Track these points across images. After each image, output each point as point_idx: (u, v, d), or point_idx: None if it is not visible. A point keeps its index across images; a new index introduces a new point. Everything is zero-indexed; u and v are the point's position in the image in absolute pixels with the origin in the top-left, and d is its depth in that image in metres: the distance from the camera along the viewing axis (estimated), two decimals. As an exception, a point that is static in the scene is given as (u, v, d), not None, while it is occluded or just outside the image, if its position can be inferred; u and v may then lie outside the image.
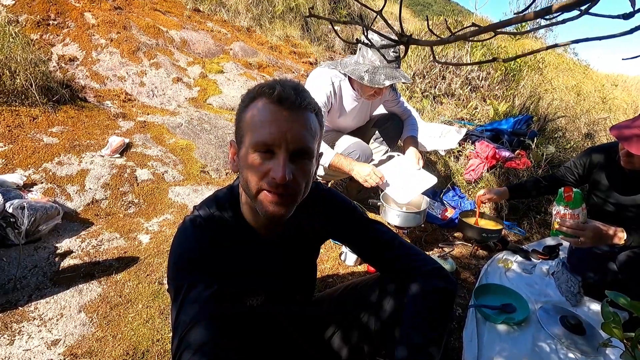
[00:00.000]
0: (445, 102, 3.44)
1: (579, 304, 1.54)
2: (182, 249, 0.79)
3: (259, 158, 0.72)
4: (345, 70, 1.78)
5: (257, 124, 0.72)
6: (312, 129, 0.76)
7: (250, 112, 0.74)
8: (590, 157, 1.77)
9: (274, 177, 0.70)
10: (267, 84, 0.74)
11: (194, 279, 0.74)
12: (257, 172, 0.72)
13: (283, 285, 0.95)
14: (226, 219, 0.83)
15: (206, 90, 3.56)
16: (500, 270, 1.73)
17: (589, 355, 1.30)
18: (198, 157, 2.61)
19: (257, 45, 4.85)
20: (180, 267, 0.77)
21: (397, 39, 0.45)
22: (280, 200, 0.73)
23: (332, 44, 6.19)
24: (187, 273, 0.75)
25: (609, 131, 1.53)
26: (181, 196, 2.18)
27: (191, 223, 0.81)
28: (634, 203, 1.60)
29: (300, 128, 0.73)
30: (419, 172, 1.81)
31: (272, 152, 0.72)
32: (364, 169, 1.67)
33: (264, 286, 0.90)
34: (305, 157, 0.75)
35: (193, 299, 0.72)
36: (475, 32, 0.39)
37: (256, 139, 0.71)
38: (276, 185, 0.71)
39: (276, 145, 0.71)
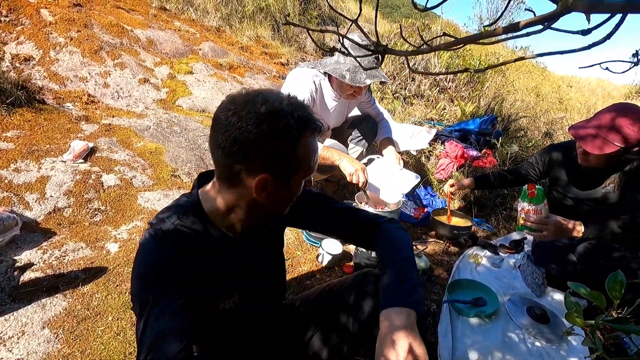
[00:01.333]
0: (415, 103, 3.53)
1: (543, 294, 1.63)
2: (146, 262, 0.76)
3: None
4: (326, 69, 1.79)
5: (311, 155, 0.81)
6: None
7: (304, 149, 0.78)
8: (550, 155, 1.87)
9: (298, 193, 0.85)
10: (304, 115, 0.76)
11: (160, 291, 0.72)
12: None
13: (256, 282, 0.95)
14: (190, 226, 0.81)
15: (175, 91, 3.46)
16: (471, 265, 1.80)
17: (553, 342, 1.38)
18: (168, 161, 2.53)
19: (227, 45, 4.77)
20: (144, 280, 0.74)
21: (374, 48, 0.46)
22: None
23: (304, 45, 6.19)
24: (152, 286, 0.73)
25: (567, 131, 1.62)
26: (151, 202, 2.11)
27: (151, 236, 0.78)
28: (590, 197, 1.71)
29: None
30: (401, 172, 1.86)
31: None
32: (353, 165, 1.67)
33: (236, 287, 0.89)
34: None
35: (159, 313, 0.70)
36: (449, 44, 0.41)
37: (312, 169, 0.83)
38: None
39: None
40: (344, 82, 1.73)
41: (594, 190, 1.69)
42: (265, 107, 0.72)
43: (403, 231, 0.97)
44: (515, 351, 1.34)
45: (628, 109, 1.49)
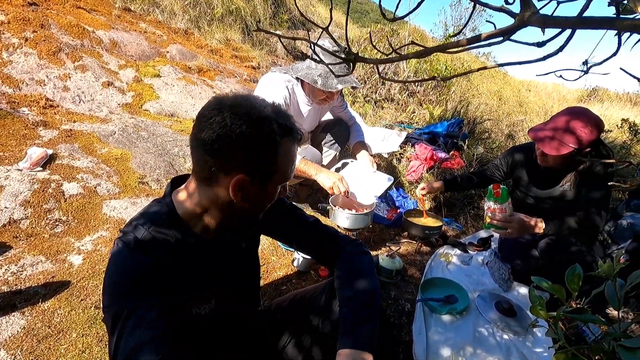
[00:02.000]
0: (385, 107, 3.61)
1: (509, 289, 1.71)
2: (119, 271, 0.74)
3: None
4: (297, 74, 1.79)
5: (289, 163, 0.82)
6: None
7: (284, 155, 0.79)
8: (512, 156, 1.97)
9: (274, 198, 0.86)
10: (288, 124, 0.78)
11: (135, 302, 0.70)
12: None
13: (232, 282, 0.94)
14: (165, 231, 0.80)
15: (142, 95, 3.35)
16: (442, 264, 1.85)
17: (520, 334, 1.45)
18: (135, 167, 2.43)
19: (196, 48, 4.67)
20: (117, 291, 0.72)
21: (345, 56, 0.46)
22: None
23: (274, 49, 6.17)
24: (126, 297, 0.71)
25: (527, 133, 1.72)
26: (118, 210, 2.02)
27: (124, 244, 0.76)
28: (549, 196, 1.82)
29: None
30: (374, 174, 1.89)
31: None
32: (331, 178, 1.69)
33: (212, 290, 0.89)
34: None
35: (134, 325, 0.68)
36: (418, 53, 0.42)
37: (288, 177, 0.83)
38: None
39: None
40: (316, 88, 1.74)
41: (553, 189, 1.80)
42: (251, 110, 0.73)
43: (363, 255, 1.00)
44: (485, 345, 1.40)
45: (580, 113, 1.59)
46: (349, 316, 0.84)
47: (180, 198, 0.84)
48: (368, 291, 0.87)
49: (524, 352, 1.37)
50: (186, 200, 0.83)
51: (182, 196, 0.84)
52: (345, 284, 0.91)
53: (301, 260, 1.70)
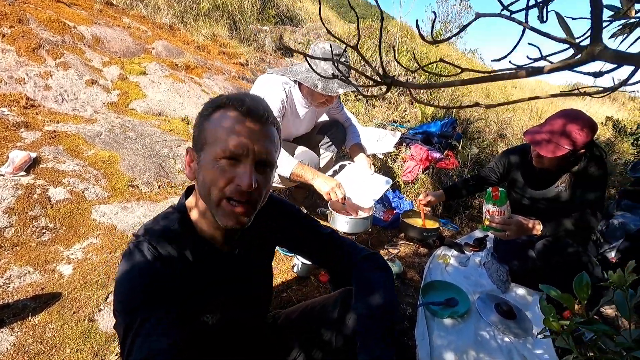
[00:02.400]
0: (377, 106, 3.60)
1: (507, 290, 1.73)
2: (130, 278, 0.73)
3: (224, 166, 0.73)
4: (297, 77, 1.75)
5: (225, 132, 0.74)
6: (275, 142, 0.81)
7: (215, 121, 0.76)
8: (508, 158, 1.99)
9: (239, 185, 0.72)
10: (235, 96, 0.77)
11: (147, 311, 0.69)
12: (222, 179, 0.73)
13: (242, 295, 0.92)
14: (177, 237, 0.79)
15: (128, 93, 3.24)
16: (441, 266, 1.86)
17: (520, 337, 1.47)
18: (124, 170, 2.35)
19: (182, 44, 4.55)
20: (129, 299, 0.71)
21: (381, 79, 0.44)
22: (243, 208, 0.75)
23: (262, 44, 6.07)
24: (138, 305, 0.70)
25: (515, 130, 1.73)
26: (108, 216, 1.95)
27: (136, 248, 0.76)
28: (545, 197, 1.84)
29: (266, 140, 0.77)
30: (373, 176, 1.88)
31: (237, 161, 0.74)
32: (328, 183, 1.65)
33: (223, 300, 0.87)
34: (268, 168, 0.79)
35: (147, 333, 0.67)
36: (465, 81, 0.40)
37: (223, 147, 0.73)
38: (240, 193, 0.73)
39: (243, 154, 0.73)
40: (315, 91, 1.71)
41: (548, 190, 1.82)
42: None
43: (381, 271, 0.96)
44: (487, 348, 1.41)
45: (576, 116, 1.61)
46: (366, 335, 0.82)
47: (190, 203, 0.84)
48: (385, 309, 0.86)
49: (525, 354, 1.39)
50: (193, 204, 0.84)
51: (191, 201, 0.85)
52: (361, 301, 0.89)
53: (301, 266, 1.67)
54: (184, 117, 3.35)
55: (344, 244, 1.02)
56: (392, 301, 0.88)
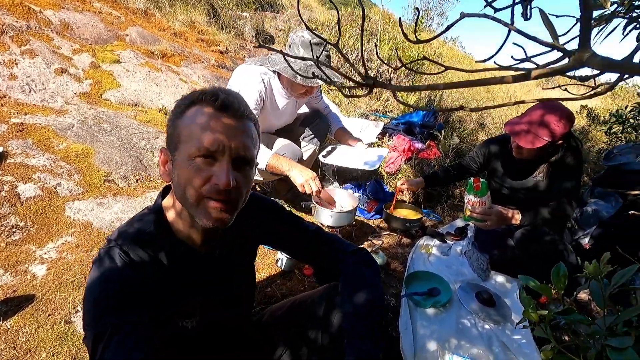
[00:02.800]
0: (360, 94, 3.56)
1: (487, 278, 1.77)
2: (100, 286, 0.69)
3: (200, 164, 0.70)
4: (276, 68, 1.70)
5: (199, 129, 0.70)
6: (252, 137, 0.77)
7: (191, 118, 0.72)
8: (488, 148, 2.01)
9: (217, 183, 0.69)
10: (208, 90, 0.74)
11: (118, 319, 0.66)
12: (198, 179, 0.70)
13: (223, 296, 0.90)
14: (152, 240, 0.77)
15: (101, 83, 3.10)
16: (423, 256, 1.89)
17: (500, 323, 1.51)
18: (99, 164, 2.27)
19: (158, 31, 4.37)
20: (99, 309, 0.67)
21: (364, 81, 0.42)
22: (223, 207, 0.72)
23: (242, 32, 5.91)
24: (109, 314, 0.66)
25: (504, 126, 1.75)
26: (83, 212, 1.88)
27: (107, 254, 0.72)
28: (523, 186, 1.88)
29: (243, 136, 0.73)
30: (367, 150, 1.96)
31: (213, 158, 0.71)
32: (304, 174, 1.62)
33: (202, 302, 0.84)
34: (247, 165, 0.76)
35: (117, 346, 0.63)
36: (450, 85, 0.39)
37: (198, 145, 0.69)
38: (218, 192, 0.70)
39: (219, 151, 0.70)
40: (295, 82, 1.67)
41: (526, 180, 1.86)
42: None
43: (367, 266, 0.96)
44: (468, 336, 1.44)
45: (554, 107, 1.64)
46: (352, 332, 0.81)
47: (166, 204, 0.82)
48: (372, 305, 0.85)
49: (504, 340, 1.43)
50: (169, 204, 0.81)
51: (168, 201, 0.82)
52: (347, 298, 0.88)
53: (285, 261, 1.66)
54: (162, 108, 3.24)
55: (330, 239, 1.02)
56: (379, 297, 0.88)
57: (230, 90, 0.76)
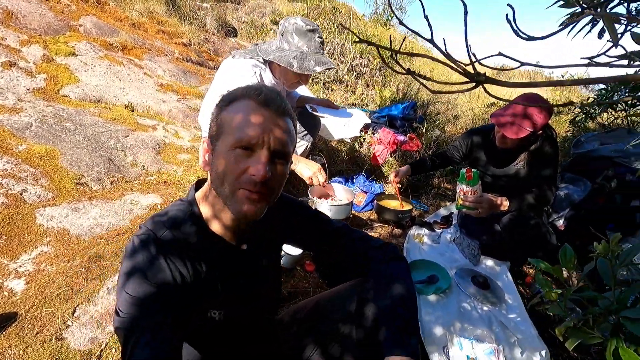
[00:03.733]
0: (335, 89, 3.58)
1: (478, 263, 1.86)
2: (135, 274, 0.69)
3: (239, 155, 0.72)
4: (269, 57, 1.65)
5: (241, 122, 0.72)
6: (291, 134, 0.78)
7: (232, 110, 0.74)
8: (471, 138, 2.11)
9: (254, 174, 0.71)
10: (252, 86, 0.76)
11: (152, 309, 0.68)
12: (235, 169, 0.72)
13: (251, 291, 0.89)
14: (185, 230, 0.78)
15: (57, 78, 2.83)
16: (417, 245, 1.94)
17: (496, 304, 1.60)
18: (67, 166, 2.08)
19: (114, 21, 4.07)
20: (134, 297, 0.67)
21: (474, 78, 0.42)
22: (257, 198, 0.73)
23: (203, 23, 5.66)
24: (144, 304, 0.67)
25: (490, 118, 1.83)
26: (57, 219, 1.72)
27: (142, 242, 0.73)
28: (505, 174, 1.99)
29: (282, 131, 0.75)
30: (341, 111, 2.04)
31: (252, 150, 0.72)
32: (310, 168, 1.62)
33: (230, 295, 0.84)
34: (284, 160, 0.77)
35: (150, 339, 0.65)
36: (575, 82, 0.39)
37: (240, 136, 0.71)
38: (254, 183, 0.71)
39: (259, 144, 0.72)
40: (290, 71, 1.63)
41: (508, 168, 1.97)
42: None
43: (398, 261, 0.96)
44: (470, 319, 1.52)
45: (535, 100, 1.75)
46: (390, 325, 0.82)
47: (199, 196, 0.83)
48: (406, 298, 0.86)
49: (502, 319, 1.52)
50: (203, 196, 0.82)
51: (201, 193, 0.83)
52: (382, 292, 0.88)
53: (285, 257, 1.63)
54: (128, 104, 3.03)
55: (357, 235, 1.01)
56: (412, 290, 0.89)
57: (272, 87, 0.78)
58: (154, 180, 2.29)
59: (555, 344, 1.47)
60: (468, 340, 1.39)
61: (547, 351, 1.39)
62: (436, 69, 5.77)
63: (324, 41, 1.75)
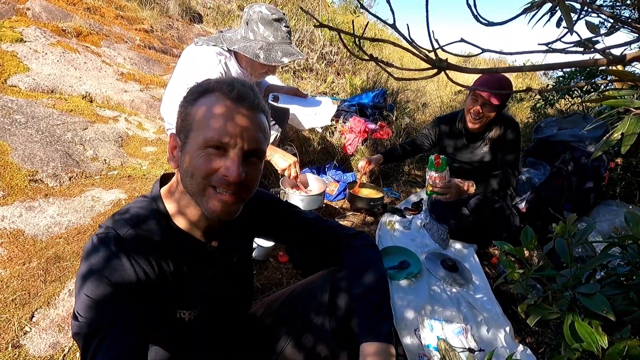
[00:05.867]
0: (305, 77, 3.53)
1: (448, 246, 1.92)
2: (95, 274, 0.65)
3: (210, 155, 0.69)
4: (234, 47, 1.58)
5: (211, 119, 0.68)
6: (265, 130, 0.75)
7: (204, 106, 0.70)
8: (439, 126, 2.15)
9: (226, 175, 0.68)
10: (224, 80, 0.73)
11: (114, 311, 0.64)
12: (207, 169, 0.69)
13: (222, 289, 0.87)
14: (149, 228, 0.74)
15: (3, 66, 2.62)
16: (389, 232, 1.97)
17: (463, 286, 1.66)
18: (19, 162, 1.94)
19: (66, 5, 3.80)
20: (94, 299, 0.63)
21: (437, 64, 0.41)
22: (231, 199, 0.71)
23: (166, 8, 5.40)
24: (105, 305, 0.64)
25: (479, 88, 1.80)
26: (9, 219, 1.60)
27: (102, 241, 0.68)
28: (470, 160, 2.05)
29: (256, 128, 0.72)
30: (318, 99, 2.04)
31: (224, 150, 0.69)
32: (287, 160, 1.60)
33: (199, 294, 0.81)
34: (257, 158, 0.75)
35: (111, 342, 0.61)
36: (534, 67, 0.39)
37: (211, 135, 0.68)
38: (228, 184, 0.69)
39: (231, 143, 0.69)
40: (257, 61, 1.58)
41: (473, 154, 2.04)
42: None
43: (370, 248, 0.97)
44: (440, 301, 1.57)
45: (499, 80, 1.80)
46: (363, 312, 0.83)
47: (165, 192, 0.79)
48: (379, 284, 0.87)
49: (470, 300, 1.58)
50: (168, 192, 0.79)
51: (167, 189, 0.80)
52: (355, 280, 0.89)
53: (258, 250, 1.61)
54: (85, 94, 2.85)
55: (329, 225, 1.01)
56: (384, 275, 0.91)
57: (245, 81, 0.74)
58: (117, 175, 2.18)
59: (519, 320, 1.55)
60: (438, 321, 1.44)
61: (510, 327, 1.46)
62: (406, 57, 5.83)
63: (291, 30, 1.70)
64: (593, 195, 2.05)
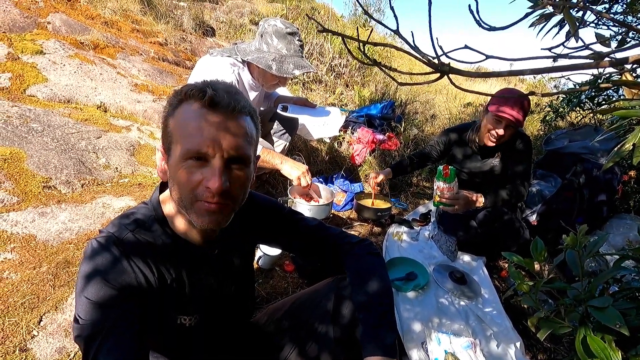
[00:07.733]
0: (314, 89, 3.57)
1: (456, 259, 1.89)
2: (94, 278, 0.65)
3: (192, 167, 0.66)
4: (247, 58, 1.62)
5: (187, 130, 0.66)
6: (248, 133, 0.71)
7: (178, 117, 0.68)
8: (448, 136, 2.14)
9: (208, 187, 0.66)
10: (196, 85, 0.68)
11: (113, 315, 0.63)
12: (190, 181, 0.67)
13: (223, 296, 0.86)
14: (149, 234, 0.74)
15: (23, 77, 2.71)
16: (396, 243, 1.96)
17: (472, 299, 1.62)
18: (34, 169, 1.99)
19: (85, 19, 3.94)
20: (94, 302, 0.63)
21: (437, 68, 0.42)
22: (217, 209, 0.69)
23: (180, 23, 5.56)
24: (105, 308, 0.64)
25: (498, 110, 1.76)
26: (22, 225, 1.64)
27: (101, 245, 0.68)
28: (480, 170, 2.04)
29: (235, 134, 0.68)
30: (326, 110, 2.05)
31: (204, 160, 0.67)
32: (298, 168, 1.61)
33: (201, 300, 0.81)
34: (242, 164, 0.71)
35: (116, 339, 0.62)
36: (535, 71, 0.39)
37: (187, 147, 0.66)
38: (212, 195, 0.67)
39: (210, 153, 0.66)
40: (269, 72, 1.61)
41: (484, 165, 2.02)
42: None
43: (374, 256, 0.95)
44: (448, 314, 1.54)
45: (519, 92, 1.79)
46: (367, 321, 0.81)
47: (164, 197, 0.79)
48: (383, 293, 0.86)
49: (478, 314, 1.55)
50: (168, 199, 0.77)
51: (166, 195, 0.78)
52: (359, 288, 0.88)
53: (264, 258, 1.61)
54: (100, 104, 2.93)
55: (333, 232, 1.00)
56: (388, 284, 0.89)
57: (219, 84, 0.70)
58: (128, 183, 2.22)
59: (530, 335, 1.50)
60: (446, 335, 1.41)
61: (521, 342, 1.42)
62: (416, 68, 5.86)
63: (303, 44, 1.73)
64: (606, 208, 2.01)
